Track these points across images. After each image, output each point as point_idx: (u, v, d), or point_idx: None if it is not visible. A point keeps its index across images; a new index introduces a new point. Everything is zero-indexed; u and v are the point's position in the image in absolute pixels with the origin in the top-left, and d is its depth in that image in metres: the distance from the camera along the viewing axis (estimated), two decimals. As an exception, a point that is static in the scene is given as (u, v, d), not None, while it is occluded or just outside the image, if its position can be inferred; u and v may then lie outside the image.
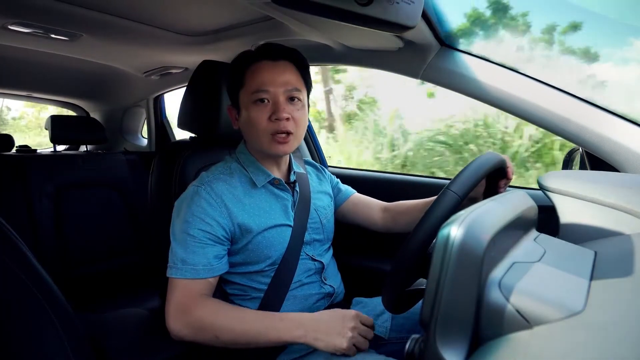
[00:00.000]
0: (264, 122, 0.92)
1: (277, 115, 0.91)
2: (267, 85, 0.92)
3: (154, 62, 1.82)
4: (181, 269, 0.87)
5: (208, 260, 0.88)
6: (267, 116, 0.92)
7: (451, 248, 0.40)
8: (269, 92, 0.92)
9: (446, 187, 0.68)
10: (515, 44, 5.61)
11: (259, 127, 0.92)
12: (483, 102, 0.95)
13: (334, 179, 1.25)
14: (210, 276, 0.89)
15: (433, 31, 0.95)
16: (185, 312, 0.85)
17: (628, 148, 0.78)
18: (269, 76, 0.92)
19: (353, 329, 0.83)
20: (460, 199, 0.66)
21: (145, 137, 2.63)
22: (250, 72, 0.94)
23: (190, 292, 0.87)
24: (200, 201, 0.91)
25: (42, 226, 1.76)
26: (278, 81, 0.92)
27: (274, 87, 0.92)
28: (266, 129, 0.92)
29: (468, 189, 0.68)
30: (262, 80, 0.92)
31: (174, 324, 0.85)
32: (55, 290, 0.67)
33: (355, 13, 0.66)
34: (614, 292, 0.42)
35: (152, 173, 1.17)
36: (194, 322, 0.84)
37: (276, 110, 0.91)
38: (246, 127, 0.96)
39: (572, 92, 0.85)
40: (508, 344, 0.38)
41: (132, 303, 1.73)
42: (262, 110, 0.92)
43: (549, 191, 0.69)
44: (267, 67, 0.94)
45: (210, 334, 0.84)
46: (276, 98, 0.92)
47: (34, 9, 1.18)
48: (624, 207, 0.60)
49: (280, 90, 0.93)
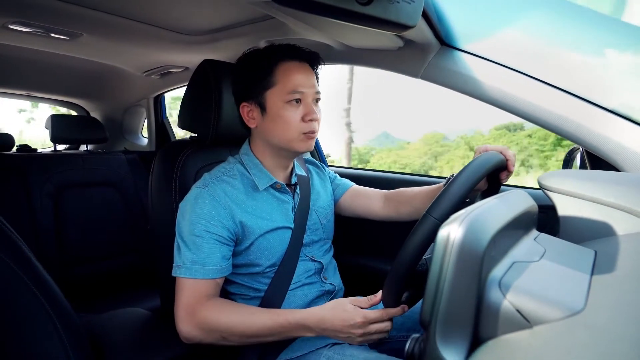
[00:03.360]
0: (297, 122, 0.93)
1: (312, 117, 0.94)
2: (302, 86, 0.93)
3: (154, 61, 1.82)
4: (190, 269, 0.87)
5: (217, 261, 0.89)
6: (300, 117, 0.93)
7: (451, 247, 0.40)
8: (303, 94, 0.94)
9: (444, 188, 0.69)
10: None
11: (291, 126, 0.94)
12: (483, 101, 0.94)
13: (332, 174, 1.25)
14: (219, 276, 0.90)
15: (433, 30, 0.94)
16: (195, 314, 0.86)
17: (628, 147, 0.78)
18: (303, 78, 0.94)
19: (362, 335, 0.83)
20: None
21: (145, 136, 2.63)
22: (283, 72, 0.94)
23: (198, 293, 0.87)
24: (204, 203, 0.91)
25: (42, 225, 1.76)
26: (309, 83, 0.95)
27: (307, 88, 0.94)
28: (300, 129, 0.94)
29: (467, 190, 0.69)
30: (298, 81, 0.93)
31: (185, 326, 0.86)
32: (55, 289, 0.67)
33: (355, 12, 0.66)
34: (615, 292, 0.42)
35: (153, 172, 1.17)
36: (203, 324, 0.85)
37: (310, 112, 0.94)
38: (274, 126, 0.95)
39: (573, 91, 0.85)
40: (508, 343, 0.38)
41: (132, 302, 1.73)
42: (295, 110, 0.93)
43: (549, 190, 0.69)
44: (299, 68, 0.95)
45: (218, 335, 0.85)
46: (308, 99, 0.95)
47: (34, 9, 1.18)
48: (624, 207, 0.60)
49: (311, 92, 0.95)
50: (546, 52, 0.89)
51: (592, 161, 0.91)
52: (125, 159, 2.15)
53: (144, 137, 2.68)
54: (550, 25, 0.91)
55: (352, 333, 0.82)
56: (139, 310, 1.25)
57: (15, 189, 1.75)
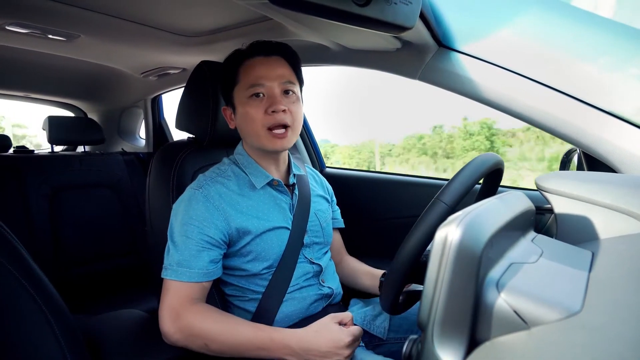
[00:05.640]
0: (261, 116, 0.92)
1: (274, 107, 0.91)
2: (262, 79, 0.92)
3: (151, 62, 1.82)
4: (176, 271, 0.86)
5: (204, 264, 0.87)
6: (264, 110, 0.92)
7: (449, 248, 0.40)
8: (264, 86, 0.92)
9: (436, 197, 0.69)
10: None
11: (255, 121, 0.92)
12: (481, 103, 0.95)
13: (330, 190, 1.25)
14: (205, 280, 0.88)
15: (431, 32, 0.94)
16: (178, 316, 0.84)
17: (625, 149, 0.78)
18: (264, 70, 0.93)
19: (350, 354, 0.83)
20: (450, 208, 0.67)
21: (142, 137, 2.62)
22: (244, 69, 0.94)
23: (183, 296, 0.86)
24: (197, 204, 0.90)
25: (39, 227, 1.76)
26: (272, 75, 0.93)
27: (269, 80, 0.92)
28: (263, 123, 0.92)
29: (460, 197, 0.69)
30: (256, 74, 0.93)
31: (167, 328, 0.85)
32: (52, 290, 0.67)
33: (352, 13, 0.66)
34: (612, 293, 0.42)
35: (150, 174, 1.17)
36: (185, 328, 0.83)
37: (273, 103, 0.91)
38: (243, 124, 0.96)
39: (570, 92, 0.85)
40: (505, 344, 0.38)
41: (128, 304, 1.73)
42: (258, 104, 0.92)
43: (547, 192, 0.69)
44: (261, 62, 0.94)
45: (200, 342, 0.83)
46: (271, 91, 0.93)
47: (31, 10, 1.18)
48: (621, 208, 0.60)
49: (275, 83, 0.93)
50: (544, 53, 0.89)
51: (589, 163, 0.91)
52: (123, 160, 2.14)
53: (141, 139, 2.68)
54: (548, 26, 0.92)
55: (342, 354, 0.81)
56: (135, 312, 1.25)
57: (12, 190, 1.74)
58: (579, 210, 0.65)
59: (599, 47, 0.87)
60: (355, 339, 0.84)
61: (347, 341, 0.82)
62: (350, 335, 0.83)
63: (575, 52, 0.86)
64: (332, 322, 0.84)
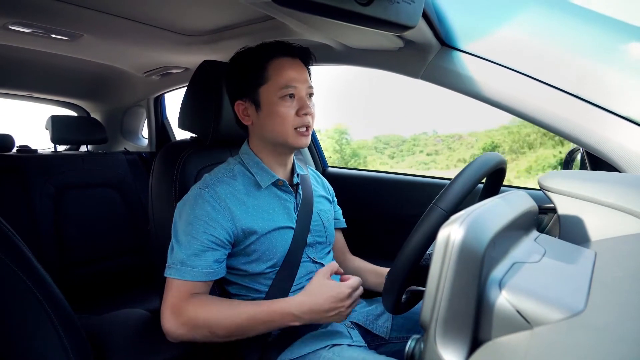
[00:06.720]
0: (291, 117, 0.94)
1: (305, 110, 0.95)
2: (294, 81, 0.94)
3: (154, 62, 1.82)
4: (180, 270, 0.87)
5: (208, 264, 0.88)
6: (294, 111, 0.95)
7: (451, 248, 0.40)
8: (296, 89, 0.95)
9: (434, 202, 0.69)
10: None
11: (286, 121, 0.94)
12: (484, 102, 0.94)
13: (332, 190, 1.25)
14: (209, 279, 0.89)
15: (434, 31, 0.94)
16: (180, 311, 0.85)
17: (628, 148, 0.78)
18: (295, 73, 0.95)
19: (350, 306, 0.85)
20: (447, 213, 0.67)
21: (145, 137, 2.63)
22: (275, 68, 0.95)
23: (185, 294, 0.87)
24: (203, 204, 0.91)
25: (42, 226, 1.76)
26: (301, 78, 0.96)
27: (300, 83, 0.95)
28: (293, 123, 0.95)
29: (459, 199, 0.69)
30: (290, 76, 0.94)
31: (170, 324, 0.85)
32: (55, 290, 0.67)
33: (355, 13, 0.66)
34: (615, 292, 0.42)
35: (153, 173, 1.17)
36: (188, 320, 0.84)
37: (304, 106, 0.95)
38: (269, 122, 0.96)
39: (573, 92, 0.85)
40: (508, 344, 0.38)
41: (132, 303, 1.73)
42: (289, 105, 0.95)
43: (549, 191, 0.69)
44: (290, 63, 0.96)
45: (205, 331, 0.84)
46: (301, 94, 0.96)
47: (35, 9, 1.18)
48: (624, 208, 0.60)
49: (304, 86, 0.96)
50: (547, 52, 0.89)
51: (593, 162, 0.91)
52: (126, 160, 2.15)
53: (144, 138, 2.69)
54: (551, 24, 0.91)
55: (342, 306, 0.83)
56: (139, 311, 1.25)
57: (15, 190, 1.75)
58: (582, 210, 0.64)
59: (603, 46, 0.87)
60: (353, 289, 0.85)
61: (346, 292, 0.83)
62: (349, 287, 0.84)
63: (578, 51, 0.86)
64: (324, 278, 0.85)
